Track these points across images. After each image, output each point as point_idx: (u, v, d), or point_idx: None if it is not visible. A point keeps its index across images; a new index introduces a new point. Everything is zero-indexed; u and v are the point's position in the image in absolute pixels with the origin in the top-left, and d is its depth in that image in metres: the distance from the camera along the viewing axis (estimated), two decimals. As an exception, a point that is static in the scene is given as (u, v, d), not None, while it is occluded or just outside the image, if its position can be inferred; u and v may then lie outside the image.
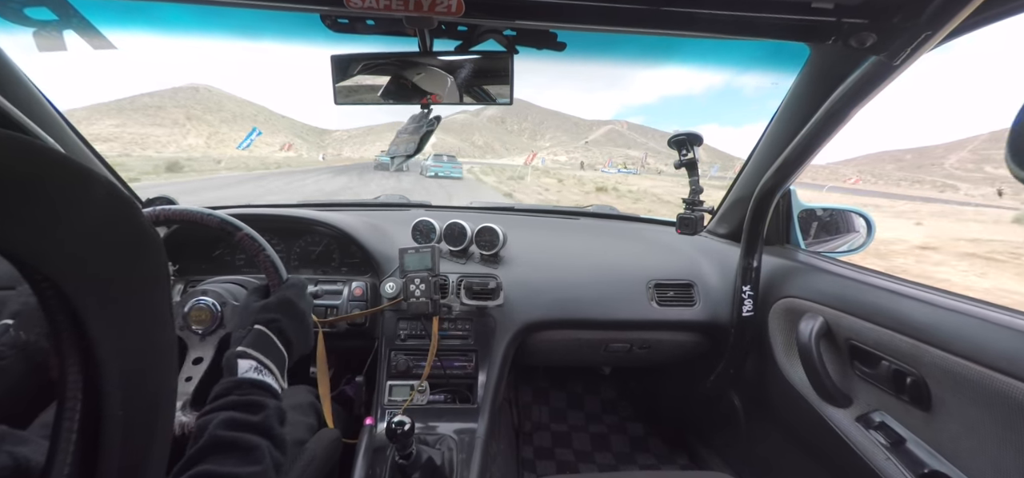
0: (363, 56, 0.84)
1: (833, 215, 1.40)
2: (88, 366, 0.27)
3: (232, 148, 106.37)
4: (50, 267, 0.25)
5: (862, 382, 0.95)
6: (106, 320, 0.28)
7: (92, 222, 0.28)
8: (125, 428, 0.29)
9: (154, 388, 0.33)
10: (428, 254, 1.16)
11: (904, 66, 0.76)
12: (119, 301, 0.30)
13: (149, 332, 0.33)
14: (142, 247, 0.32)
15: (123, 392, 0.29)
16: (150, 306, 0.33)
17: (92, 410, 0.28)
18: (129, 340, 0.30)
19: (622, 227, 1.70)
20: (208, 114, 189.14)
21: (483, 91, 0.85)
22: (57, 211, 0.26)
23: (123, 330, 0.30)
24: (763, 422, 1.34)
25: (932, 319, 0.79)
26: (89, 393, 0.27)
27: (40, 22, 0.78)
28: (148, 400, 0.33)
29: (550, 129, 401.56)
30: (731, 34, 0.76)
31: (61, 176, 0.27)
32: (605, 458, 1.76)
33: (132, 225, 0.31)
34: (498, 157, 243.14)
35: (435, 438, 1.06)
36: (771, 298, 1.20)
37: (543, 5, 0.73)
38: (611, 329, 1.31)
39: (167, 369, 0.35)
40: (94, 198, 0.29)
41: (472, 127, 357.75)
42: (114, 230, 0.30)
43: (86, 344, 0.27)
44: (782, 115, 1.13)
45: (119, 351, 0.29)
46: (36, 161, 0.26)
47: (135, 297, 0.31)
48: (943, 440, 0.78)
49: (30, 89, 1.08)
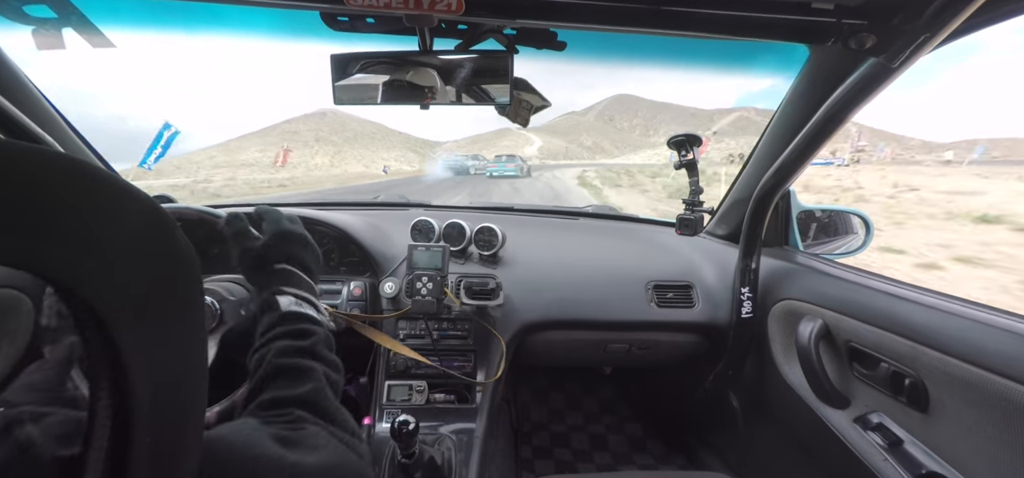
0: (363, 55, 0.84)
1: (831, 216, 1.40)
2: (120, 389, 0.26)
3: (355, 165, 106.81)
4: (87, 289, 0.24)
5: (860, 383, 0.95)
6: (140, 340, 0.27)
7: (131, 241, 0.27)
8: (154, 449, 0.28)
9: (185, 406, 0.32)
10: (439, 253, 1.16)
11: (903, 68, 0.76)
12: (155, 320, 0.29)
13: (184, 350, 0.32)
14: (179, 264, 0.31)
15: (153, 413, 0.28)
16: (186, 324, 0.32)
17: (121, 434, 0.27)
18: (163, 359, 0.30)
19: (621, 227, 1.71)
20: (333, 135, 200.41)
21: (483, 91, 0.85)
22: (96, 232, 0.25)
23: (157, 350, 0.29)
24: (761, 423, 1.34)
25: (931, 321, 0.79)
26: (119, 416, 0.26)
27: (39, 20, 0.78)
28: (179, 418, 0.32)
29: (664, 123, 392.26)
30: (730, 34, 0.76)
31: (101, 195, 0.26)
32: (603, 458, 1.76)
33: (170, 242, 0.31)
34: (610, 157, 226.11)
35: (434, 438, 1.06)
36: (770, 300, 1.20)
37: (543, 4, 0.73)
38: (610, 330, 1.31)
39: (199, 386, 0.34)
40: (133, 216, 0.28)
41: (579, 127, 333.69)
42: (152, 248, 0.29)
43: (119, 367, 0.26)
44: (781, 116, 1.14)
45: (152, 371, 0.28)
46: (77, 180, 0.25)
47: (171, 315, 0.31)
48: (941, 441, 0.78)
49: (30, 90, 1.08)
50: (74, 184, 0.25)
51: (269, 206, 0.78)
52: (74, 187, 0.25)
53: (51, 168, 0.24)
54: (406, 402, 1.15)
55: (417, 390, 1.15)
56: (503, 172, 23.21)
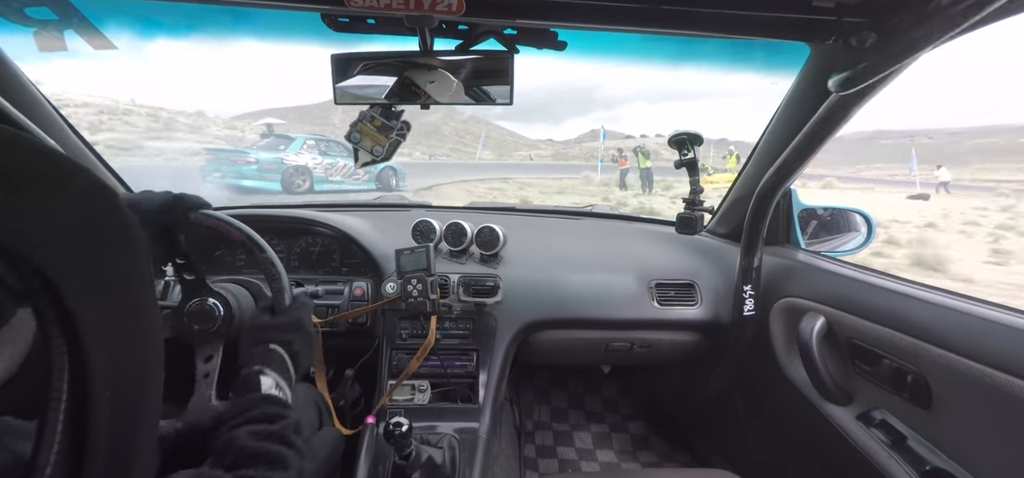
0: (363, 56, 0.84)
1: (833, 214, 1.40)
2: (74, 350, 0.28)
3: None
4: (38, 255, 0.26)
5: (863, 380, 0.95)
6: (90, 301, 0.29)
7: (77, 210, 0.29)
8: (112, 412, 0.30)
9: (140, 370, 0.34)
10: (423, 254, 1.17)
11: (904, 66, 0.76)
12: (101, 282, 0.31)
13: (134, 313, 0.34)
14: (126, 235, 0.34)
15: (109, 374, 0.30)
16: (133, 286, 0.34)
17: (79, 394, 0.28)
18: (114, 321, 0.31)
19: (622, 227, 1.71)
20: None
21: (483, 91, 0.85)
22: (41, 201, 0.27)
23: (107, 311, 0.31)
24: (764, 420, 1.34)
25: (933, 318, 0.79)
26: (75, 376, 0.28)
27: (41, 22, 0.78)
28: (135, 383, 0.34)
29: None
30: (731, 33, 0.76)
31: (45, 166, 0.28)
32: (607, 456, 1.76)
33: (110, 209, 0.33)
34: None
35: (437, 438, 1.06)
36: (772, 297, 1.20)
37: (544, 4, 0.73)
38: (612, 328, 1.31)
39: (152, 351, 0.36)
40: (77, 187, 0.30)
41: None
42: (99, 219, 0.31)
43: (72, 328, 0.28)
44: (782, 115, 1.13)
45: (105, 333, 0.30)
46: (21, 154, 0.27)
47: (117, 278, 0.33)
48: (944, 437, 0.78)
49: (30, 89, 1.08)
50: (18, 157, 0.27)
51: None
52: (18, 160, 0.27)
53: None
54: (408, 402, 1.15)
55: (420, 390, 1.16)
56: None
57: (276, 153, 9.31)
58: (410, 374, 1.12)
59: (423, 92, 0.84)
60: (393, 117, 0.89)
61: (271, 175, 8.85)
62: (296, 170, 9.20)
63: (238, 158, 9.28)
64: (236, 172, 8.83)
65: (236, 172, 8.83)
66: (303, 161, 9.34)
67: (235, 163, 9.08)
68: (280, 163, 9.07)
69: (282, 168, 9.01)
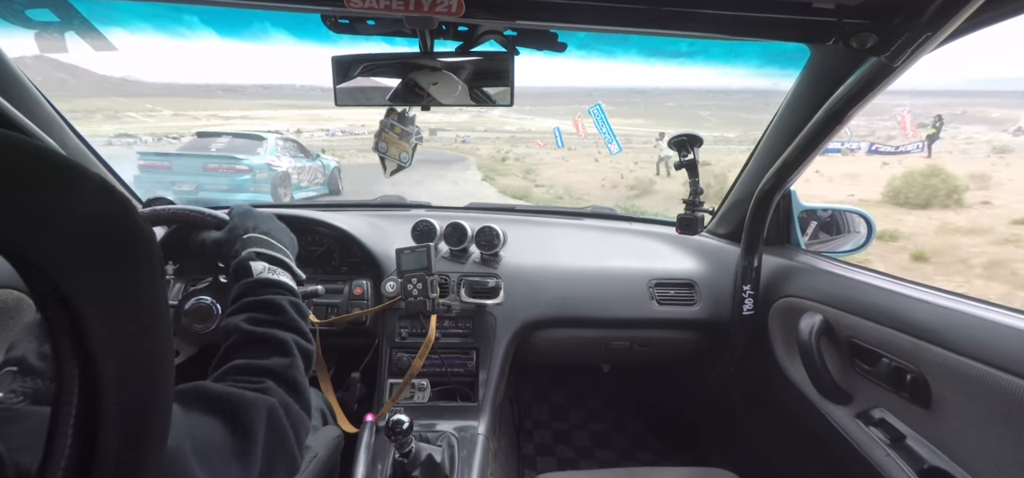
0: (364, 57, 0.84)
1: (833, 215, 1.40)
2: (85, 361, 0.28)
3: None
4: (48, 262, 0.26)
5: (862, 379, 0.96)
6: (101, 311, 0.29)
7: (85, 215, 0.29)
8: (121, 421, 0.30)
9: (151, 380, 0.34)
10: (423, 253, 1.17)
11: (904, 67, 0.76)
12: (114, 292, 0.31)
13: (146, 323, 0.34)
14: (135, 240, 0.33)
15: (119, 385, 0.30)
16: (144, 294, 0.34)
17: (89, 405, 0.28)
18: (125, 331, 0.31)
19: (622, 227, 1.71)
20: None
21: (484, 92, 0.85)
22: (51, 203, 0.26)
23: (119, 321, 0.31)
24: (763, 419, 1.35)
25: (933, 318, 0.80)
26: (85, 387, 0.28)
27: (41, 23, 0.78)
28: (145, 393, 0.33)
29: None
30: (731, 34, 0.76)
31: (52, 173, 0.28)
32: (606, 455, 1.77)
33: (125, 219, 0.32)
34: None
35: (436, 436, 1.06)
36: (771, 297, 1.20)
37: (544, 5, 0.73)
38: (611, 327, 1.32)
39: (164, 360, 0.36)
40: (86, 192, 0.29)
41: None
42: (107, 224, 0.31)
43: (82, 339, 0.27)
44: (782, 116, 1.14)
45: (115, 343, 0.30)
46: (26, 156, 0.27)
47: (129, 289, 0.32)
48: (943, 436, 0.79)
49: (30, 90, 1.08)
50: (24, 162, 0.26)
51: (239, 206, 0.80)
52: (24, 165, 0.26)
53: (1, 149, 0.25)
54: (408, 400, 1.15)
55: (420, 388, 1.16)
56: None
57: (256, 158, 7.10)
58: (415, 373, 1.13)
59: (426, 93, 0.84)
60: (409, 122, 0.91)
61: (263, 186, 6.98)
62: (281, 178, 7.39)
63: (223, 165, 6.91)
64: (231, 183, 6.72)
65: (231, 183, 6.72)
66: (283, 167, 7.43)
67: (218, 172, 6.81)
68: (268, 169, 7.14)
69: (271, 175, 7.18)
